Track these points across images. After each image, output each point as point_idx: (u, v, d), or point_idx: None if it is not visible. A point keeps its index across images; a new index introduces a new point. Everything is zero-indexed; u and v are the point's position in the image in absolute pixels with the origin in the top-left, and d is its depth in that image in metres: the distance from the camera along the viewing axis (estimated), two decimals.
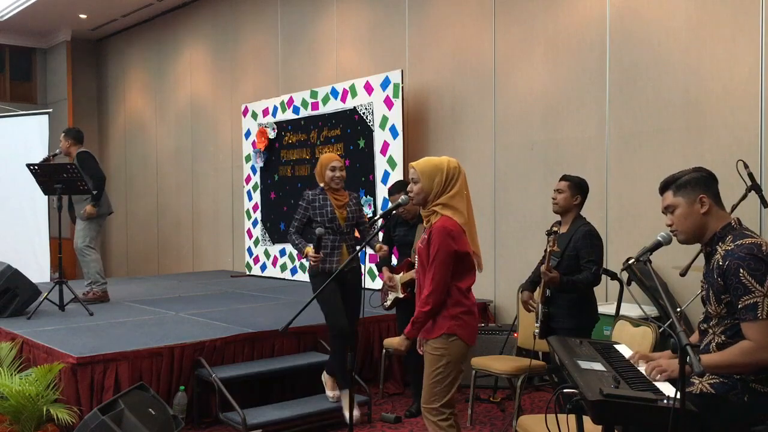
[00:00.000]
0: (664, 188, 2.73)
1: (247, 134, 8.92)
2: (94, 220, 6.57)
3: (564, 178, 4.35)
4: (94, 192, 6.43)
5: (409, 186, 3.40)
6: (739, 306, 2.49)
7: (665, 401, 2.16)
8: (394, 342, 3.76)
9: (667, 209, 2.71)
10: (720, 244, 2.61)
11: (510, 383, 4.98)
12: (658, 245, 2.56)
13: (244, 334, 5.07)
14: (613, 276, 4.84)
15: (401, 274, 4.92)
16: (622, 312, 4.70)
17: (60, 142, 6.88)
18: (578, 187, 4.27)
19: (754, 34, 4.85)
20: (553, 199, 4.31)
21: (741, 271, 2.48)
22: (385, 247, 4.71)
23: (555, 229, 4.13)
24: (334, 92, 7.62)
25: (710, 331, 2.64)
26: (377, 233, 3.86)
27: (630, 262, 2.64)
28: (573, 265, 4.12)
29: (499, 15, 6.49)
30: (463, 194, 3.31)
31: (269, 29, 9.18)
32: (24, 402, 4.20)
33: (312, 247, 4.58)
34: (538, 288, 4.26)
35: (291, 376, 5.06)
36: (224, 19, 9.98)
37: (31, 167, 6.33)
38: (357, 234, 4.81)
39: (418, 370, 4.15)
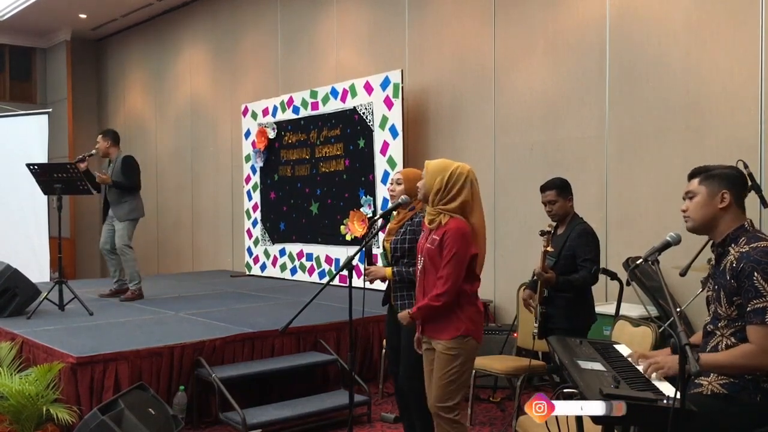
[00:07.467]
0: (693, 175, 2.72)
1: (247, 134, 8.91)
2: (131, 221, 6.80)
3: (547, 187, 4.27)
4: (94, 191, 6.74)
5: (420, 182, 3.40)
6: (748, 309, 2.48)
7: (665, 401, 2.16)
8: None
9: (687, 194, 2.70)
10: (733, 245, 2.59)
11: (510, 383, 4.98)
12: (666, 245, 2.53)
13: (244, 334, 5.06)
14: (613, 276, 4.83)
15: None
16: (622, 312, 4.70)
17: (97, 143, 7.13)
18: (564, 189, 4.25)
19: (754, 34, 4.85)
20: (549, 211, 4.26)
21: (755, 274, 2.47)
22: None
23: (548, 229, 4.11)
24: (334, 92, 7.62)
25: (718, 332, 2.62)
26: (377, 233, 3.84)
27: (638, 262, 2.61)
28: (570, 264, 4.11)
29: (499, 15, 6.49)
30: (469, 202, 3.29)
31: (269, 29, 9.17)
32: (24, 402, 4.20)
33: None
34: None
35: (291, 376, 5.06)
36: (224, 19, 9.97)
37: (31, 167, 6.33)
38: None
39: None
